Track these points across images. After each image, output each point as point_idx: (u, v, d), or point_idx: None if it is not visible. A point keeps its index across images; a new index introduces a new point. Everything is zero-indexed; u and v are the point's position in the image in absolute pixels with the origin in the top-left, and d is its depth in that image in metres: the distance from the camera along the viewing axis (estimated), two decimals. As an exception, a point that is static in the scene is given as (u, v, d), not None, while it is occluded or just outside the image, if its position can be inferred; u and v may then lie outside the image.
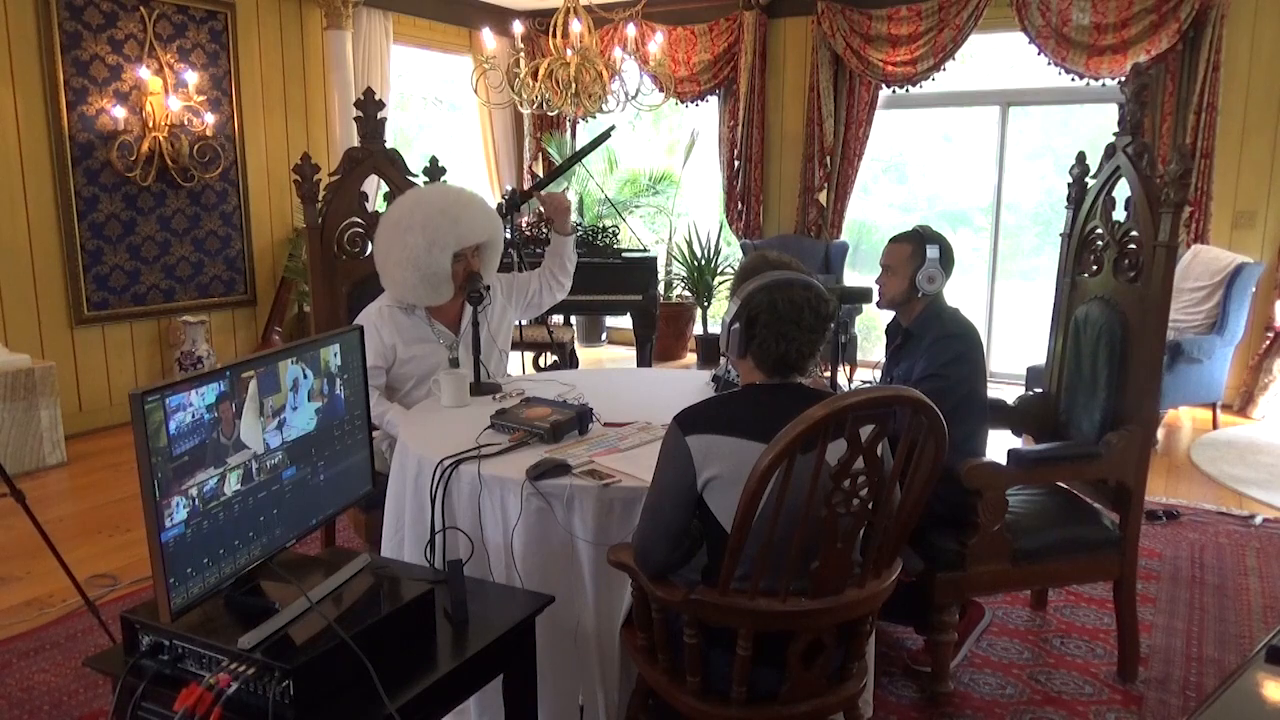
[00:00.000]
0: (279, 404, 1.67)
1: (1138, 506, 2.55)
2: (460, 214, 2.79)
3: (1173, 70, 5.57)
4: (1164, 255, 2.41)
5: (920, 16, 6.15)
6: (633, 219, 7.80)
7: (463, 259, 2.81)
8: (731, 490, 1.64)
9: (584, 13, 4.92)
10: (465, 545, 2.06)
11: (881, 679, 2.60)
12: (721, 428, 1.71)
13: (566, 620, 2.04)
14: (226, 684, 1.41)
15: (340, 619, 1.58)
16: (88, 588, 2.81)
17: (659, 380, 3.35)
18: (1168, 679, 2.66)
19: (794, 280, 1.77)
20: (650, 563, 1.77)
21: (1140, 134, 2.60)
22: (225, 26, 5.65)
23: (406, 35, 6.88)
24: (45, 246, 4.94)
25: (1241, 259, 5.11)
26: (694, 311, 7.37)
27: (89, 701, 2.57)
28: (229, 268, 5.89)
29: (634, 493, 1.95)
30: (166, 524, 1.42)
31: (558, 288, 3.22)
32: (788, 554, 1.64)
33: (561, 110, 5.18)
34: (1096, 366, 2.63)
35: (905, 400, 1.63)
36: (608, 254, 5.81)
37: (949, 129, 8.11)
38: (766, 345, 1.75)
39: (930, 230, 2.62)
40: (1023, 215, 7.86)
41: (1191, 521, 3.87)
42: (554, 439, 2.26)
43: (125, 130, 5.15)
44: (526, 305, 3.20)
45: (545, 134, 7.75)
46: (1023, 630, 2.96)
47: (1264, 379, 5.51)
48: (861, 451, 1.62)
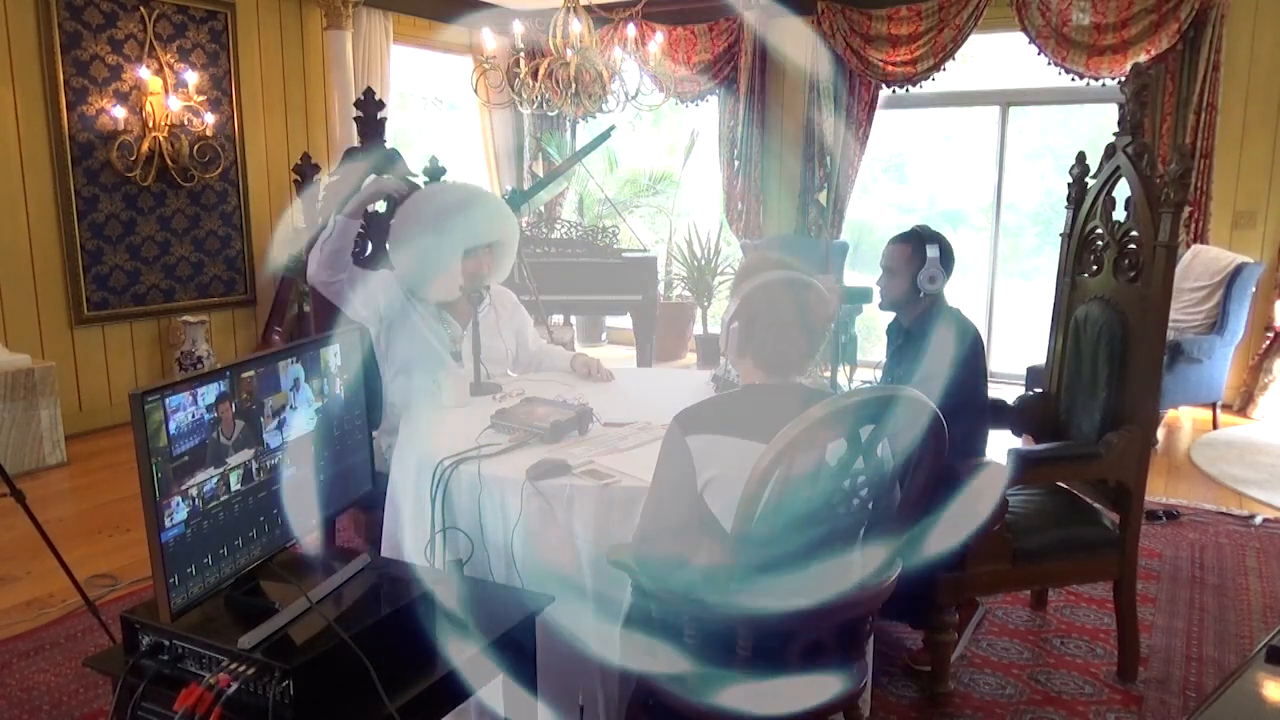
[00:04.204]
0: (279, 404, 1.67)
1: (1138, 506, 2.55)
2: (474, 212, 2.79)
3: (1173, 70, 5.57)
4: (1164, 255, 2.41)
5: (920, 16, 6.15)
6: (633, 219, 7.80)
7: (474, 257, 2.81)
8: (731, 490, 1.64)
9: (584, 13, 4.92)
10: (465, 545, 2.06)
11: (881, 679, 2.60)
12: (721, 428, 1.71)
13: (566, 620, 2.03)
14: (226, 684, 1.41)
15: (340, 619, 1.58)
16: (88, 588, 2.81)
17: (659, 380, 3.35)
18: (1168, 679, 2.66)
19: (794, 280, 1.77)
20: (650, 563, 1.77)
21: (1140, 134, 2.60)
22: (225, 26, 5.65)
23: (406, 35, 6.88)
24: (45, 246, 4.94)
25: (1241, 259, 5.11)
26: (694, 311, 7.37)
27: (89, 701, 2.57)
28: (229, 268, 5.89)
29: (634, 493, 1.95)
30: (166, 524, 1.42)
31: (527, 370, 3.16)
32: (787, 554, 1.63)
33: (561, 110, 5.18)
34: (1096, 366, 2.63)
35: (905, 400, 1.63)
36: (608, 254, 5.81)
37: (949, 129, 8.11)
38: (766, 344, 1.75)
39: (930, 230, 2.62)
40: (1023, 215, 7.87)
41: (1191, 521, 3.87)
42: (554, 439, 2.26)
43: (125, 130, 5.15)
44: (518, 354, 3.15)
45: (545, 134, 7.75)
46: (1023, 630, 2.96)
47: (1264, 379, 5.51)
48: (861, 451, 1.62)
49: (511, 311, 3.10)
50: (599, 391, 2.80)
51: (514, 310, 3.12)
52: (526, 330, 3.15)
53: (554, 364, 3.12)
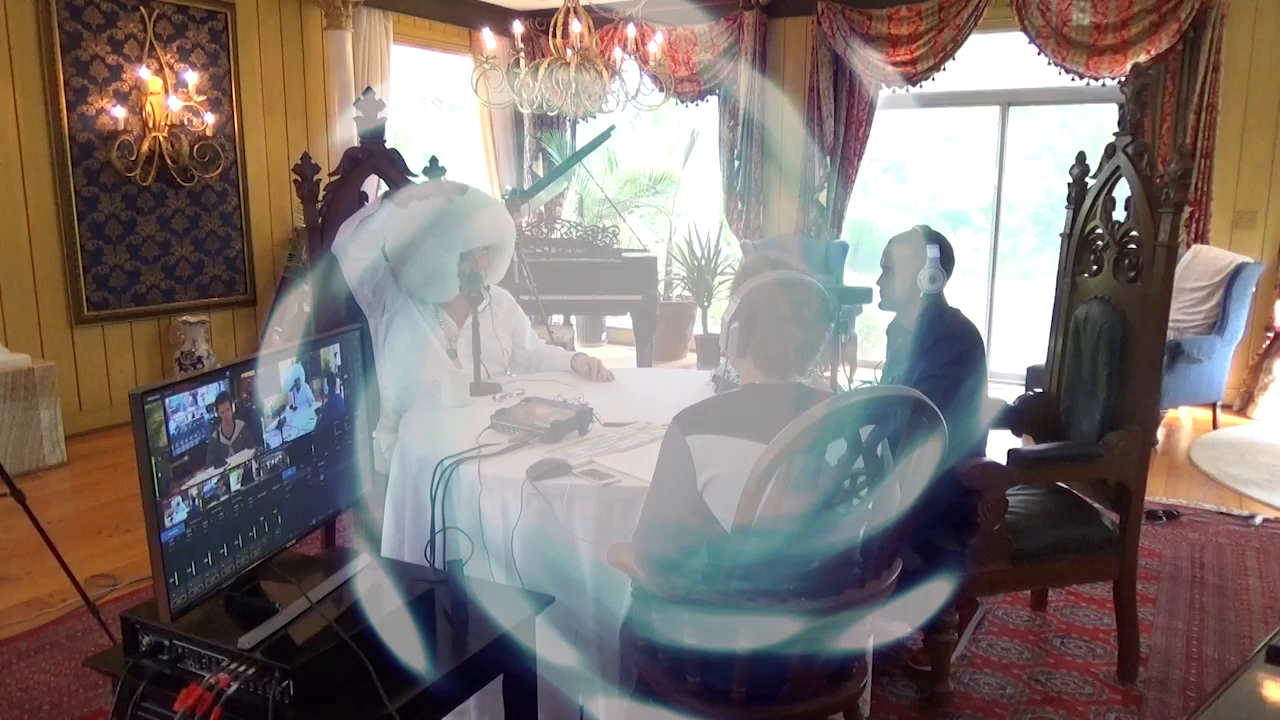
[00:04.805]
0: (279, 404, 1.67)
1: (1138, 506, 2.55)
2: (470, 215, 2.79)
3: (1173, 70, 5.57)
4: (1164, 255, 2.41)
5: (920, 16, 6.15)
6: (633, 219, 7.80)
7: (470, 259, 2.81)
8: (731, 490, 1.64)
9: (584, 13, 4.92)
10: (465, 545, 2.06)
11: (881, 679, 2.60)
12: (721, 428, 1.71)
13: (566, 620, 2.03)
14: (226, 684, 1.41)
15: (340, 619, 1.58)
16: (88, 588, 2.81)
17: (659, 380, 3.35)
18: (1168, 679, 2.66)
19: (794, 279, 1.77)
20: (650, 562, 1.77)
21: (1140, 134, 2.60)
22: (225, 26, 5.65)
23: (406, 35, 6.88)
24: (45, 246, 4.94)
25: (1241, 259, 5.11)
26: (694, 311, 7.37)
27: (89, 701, 2.57)
28: (229, 268, 5.89)
29: (634, 493, 1.95)
30: (166, 524, 1.42)
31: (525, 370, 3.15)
32: (787, 554, 1.63)
33: (561, 110, 5.18)
34: (1096, 366, 2.63)
35: (905, 400, 1.63)
36: (608, 254, 5.81)
37: (949, 129, 8.12)
38: (766, 344, 1.75)
39: (930, 230, 2.62)
40: (1023, 215, 7.87)
41: (1191, 521, 3.87)
42: (554, 439, 2.26)
43: (125, 130, 5.15)
44: (514, 352, 3.15)
45: (545, 134, 7.75)
46: (1023, 630, 2.96)
47: (1264, 379, 5.51)
48: (861, 451, 1.62)
49: (508, 311, 3.10)
50: (599, 391, 2.80)
51: (510, 310, 3.12)
52: (523, 330, 3.15)
53: (554, 364, 3.12)
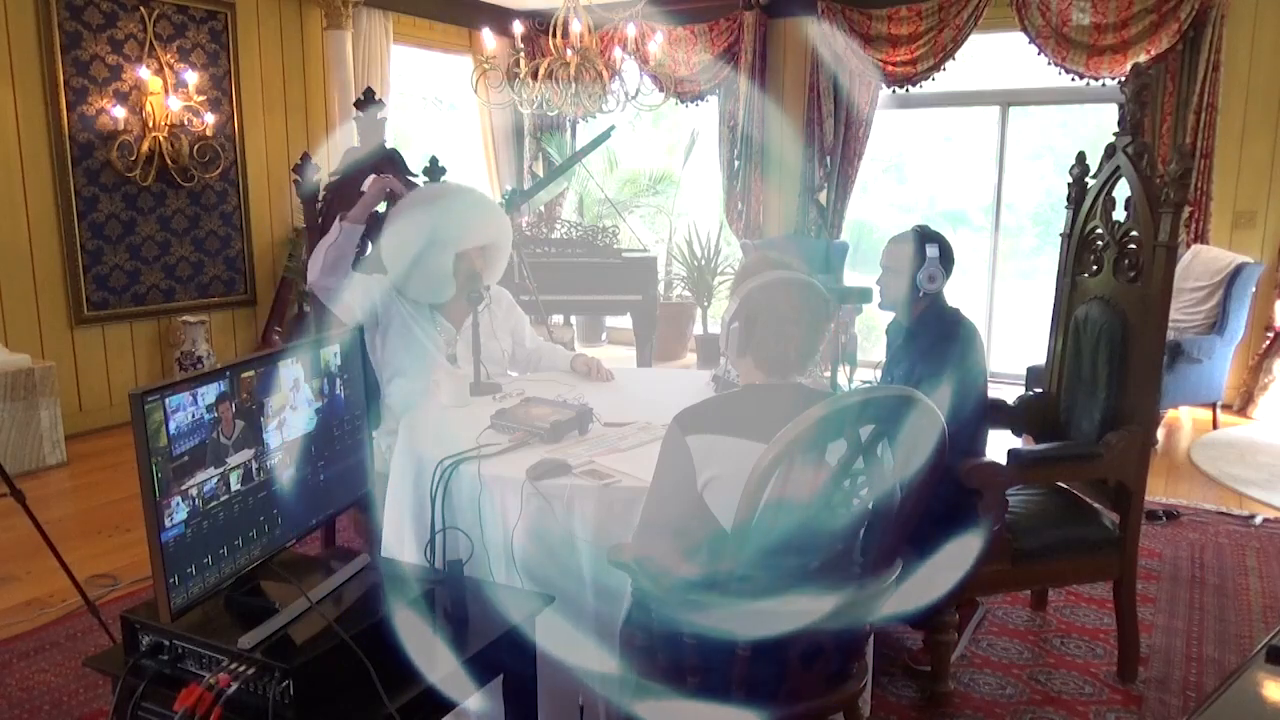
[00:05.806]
0: (279, 404, 1.67)
1: (1138, 506, 2.55)
2: (465, 215, 2.79)
3: (1173, 70, 5.57)
4: (1164, 255, 2.41)
5: (920, 16, 6.15)
6: (633, 219, 7.80)
7: (466, 259, 2.80)
8: (731, 490, 1.64)
9: (584, 13, 4.92)
10: (465, 545, 2.06)
11: (881, 679, 2.60)
12: (721, 428, 1.71)
13: (566, 620, 2.03)
14: (226, 684, 1.41)
15: (340, 619, 1.58)
16: (88, 588, 2.81)
17: (659, 380, 3.35)
18: (1168, 679, 2.66)
19: (793, 279, 1.77)
20: (650, 563, 1.77)
21: (1140, 134, 2.60)
22: (225, 26, 5.65)
23: (406, 35, 6.88)
24: (45, 246, 4.94)
25: (1241, 259, 5.11)
26: (694, 311, 7.37)
27: (89, 701, 2.57)
28: (229, 268, 5.89)
29: (634, 493, 1.95)
30: (166, 524, 1.42)
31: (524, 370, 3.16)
32: (788, 554, 1.63)
33: (561, 110, 5.18)
34: (1096, 366, 2.63)
35: (905, 400, 1.63)
36: (608, 254, 5.81)
37: (949, 129, 8.11)
38: (766, 344, 1.75)
39: (930, 230, 2.62)
40: (1023, 215, 7.87)
41: (1191, 521, 3.87)
42: (554, 439, 2.26)
43: (125, 130, 5.15)
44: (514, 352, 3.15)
45: (545, 134, 7.75)
46: (1023, 630, 2.96)
47: (1264, 379, 5.51)
48: (861, 451, 1.62)
49: (507, 311, 3.10)
50: (599, 391, 2.80)
51: (509, 310, 3.12)
52: (523, 329, 3.15)
53: (554, 362, 3.12)
